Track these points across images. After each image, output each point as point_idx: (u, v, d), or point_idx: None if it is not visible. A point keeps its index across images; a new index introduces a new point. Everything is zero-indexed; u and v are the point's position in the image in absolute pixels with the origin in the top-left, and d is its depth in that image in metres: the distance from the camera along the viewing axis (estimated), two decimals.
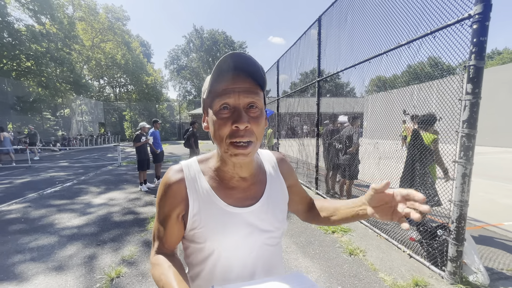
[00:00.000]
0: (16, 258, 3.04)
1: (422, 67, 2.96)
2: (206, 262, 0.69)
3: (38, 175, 8.47)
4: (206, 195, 0.69)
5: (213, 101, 0.62)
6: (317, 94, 4.84)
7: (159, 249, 0.72)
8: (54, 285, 2.51)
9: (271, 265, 0.74)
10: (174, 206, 0.68)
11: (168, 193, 0.69)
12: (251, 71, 0.61)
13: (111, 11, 31.13)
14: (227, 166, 0.70)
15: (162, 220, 0.70)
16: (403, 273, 2.65)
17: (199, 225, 0.67)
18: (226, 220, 0.67)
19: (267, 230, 0.72)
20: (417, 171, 3.02)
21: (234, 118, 0.60)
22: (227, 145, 0.61)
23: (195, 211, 0.67)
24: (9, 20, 17.23)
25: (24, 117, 19.34)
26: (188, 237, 0.70)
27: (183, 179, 0.69)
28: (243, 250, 0.69)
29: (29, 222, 4.19)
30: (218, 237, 0.67)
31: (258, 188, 0.74)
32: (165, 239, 0.71)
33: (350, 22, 3.75)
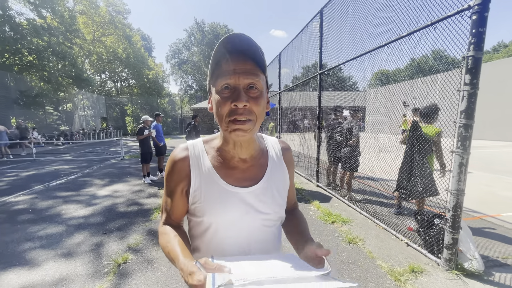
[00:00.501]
0: (27, 246, 3.15)
1: (423, 60, 2.98)
2: (205, 235, 0.75)
3: (43, 168, 8.60)
4: (207, 172, 0.73)
5: (216, 81, 0.66)
6: (319, 87, 4.86)
7: (166, 221, 0.79)
8: (64, 270, 2.62)
9: (266, 246, 0.77)
10: (179, 181, 0.74)
11: (174, 169, 0.75)
12: (251, 53, 0.65)
13: (111, 4, 30.90)
14: (228, 145, 0.74)
15: (169, 194, 0.77)
16: (400, 260, 2.73)
17: (199, 200, 0.72)
18: (224, 197, 0.72)
19: (264, 212, 0.74)
20: (415, 161, 3.07)
21: (234, 97, 0.63)
22: (227, 123, 0.65)
23: (196, 186, 0.73)
24: (10, 13, 17.21)
25: (27, 112, 19.46)
26: (190, 211, 0.76)
27: (188, 157, 0.75)
28: (238, 228, 0.73)
29: (36, 213, 4.30)
30: (215, 213, 0.71)
31: (258, 171, 0.77)
32: (171, 211, 0.77)
33: (352, 14, 3.76)
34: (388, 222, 3.57)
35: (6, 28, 17.34)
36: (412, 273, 2.48)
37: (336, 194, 4.89)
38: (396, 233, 3.24)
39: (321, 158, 5.62)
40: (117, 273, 2.58)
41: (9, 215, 4.21)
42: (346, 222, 3.71)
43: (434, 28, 2.45)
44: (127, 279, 2.48)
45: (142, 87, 34.18)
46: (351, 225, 3.63)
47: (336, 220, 3.74)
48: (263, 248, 0.77)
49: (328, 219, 3.78)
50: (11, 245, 3.16)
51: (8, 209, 4.51)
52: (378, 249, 2.97)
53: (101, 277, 2.51)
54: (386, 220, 3.62)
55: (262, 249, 0.77)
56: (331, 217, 3.83)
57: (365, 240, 3.20)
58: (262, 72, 0.68)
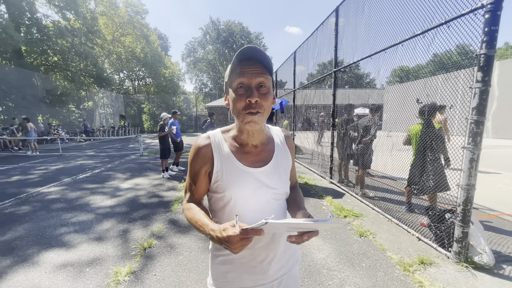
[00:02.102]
0: (62, 230, 3.48)
1: (437, 58, 3.02)
2: (225, 208, 0.91)
3: (69, 163, 9.16)
4: (227, 156, 0.90)
5: (232, 81, 0.82)
6: (333, 85, 4.94)
7: (190, 198, 0.95)
8: (97, 251, 2.90)
9: (276, 215, 0.93)
10: (203, 164, 0.91)
11: (199, 154, 0.91)
12: (260, 59, 0.81)
13: (130, 5, 31.87)
14: (243, 134, 0.91)
15: (193, 176, 0.93)
16: (410, 253, 2.81)
17: (220, 178, 0.89)
18: (240, 176, 0.89)
19: (273, 187, 0.92)
20: (428, 157, 3.13)
21: (248, 94, 0.80)
22: (243, 115, 0.82)
23: (218, 168, 0.89)
24: (37, 16, 18.21)
25: (52, 110, 20.57)
26: (212, 189, 0.92)
27: (210, 143, 0.92)
28: (253, 200, 0.90)
29: (68, 202, 4.68)
30: (234, 189, 0.88)
31: (267, 154, 0.96)
32: (195, 190, 0.94)
33: (367, 12, 3.82)
34: (400, 218, 3.63)
35: (33, 30, 18.38)
36: (421, 265, 2.56)
37: (349, 190, 4.96)
38: (408, 228, 3.30)
39: (335, 155, 5.69)
40: (144, 255, 2.83)
41: (44, 203, 4.60)
42: (358, 216, 3.81)
43: (448, 27, 2.50)
44: (152, 261, 2.72)
45: (158, 86, 35.09)
46: (363, 220, 3.72)
47: (348, 215, 3.84)
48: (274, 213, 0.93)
49: (340, 214, 3.89)
50: (48, 229, 3.50)
51: (42, 198, 4.92)
52: (388, 242, 3.06)
53: (130, 258, 2.77)
54: (398, 216, 3.68)
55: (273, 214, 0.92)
56: (343, 211, 3.93)
57: (376, 233, 3.29)
58: (269, 74, 0.84)
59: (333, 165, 5.71)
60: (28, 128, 11.75)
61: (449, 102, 2.62)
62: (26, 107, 16.98)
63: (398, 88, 3.73)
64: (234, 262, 0.92)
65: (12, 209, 4.30)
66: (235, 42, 45.24)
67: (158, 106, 33.81)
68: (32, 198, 4.91)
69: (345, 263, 2.68)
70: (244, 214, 0.87)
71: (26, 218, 3.92)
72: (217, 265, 0.96)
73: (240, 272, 0.92)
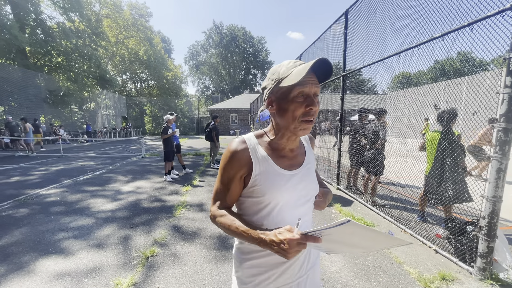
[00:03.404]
0: (61, 235, 3.33)
1: (455, 61, 2.89)
2: (262, 212, 0.89)
3: (70, 164, 9.03)
4: (264, 160, 0.89)
5: (292, 89, 0.81)
6: (342, 89, 4.82)
7: (221, 205, 0.92)
8: (96, 260, 2.75)
9: (309, 216, 0.98)
10: (239, 168, 0.88)
11: (235, 158, 0.88)
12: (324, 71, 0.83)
13: (135, 8, 32.09)
14: (282, 139, 0.92)
15: (226, 180, 0.90)
16: (429, 267, 2.65)
17: (259, 183, 0.87)
18: (279, 179, 0.89)
19: (308, 188, 0.95)
20: (447, 166, 2.98)
21: (308, 102, 0.81)
22: (299, 122, 0.83)
23: (257, 172, 0.87)
24: (42, 18, 18.27)
25: (54, 110, 20.52)
26: (247, 193, 0.91)
27: (247, 148, 0.90)
28: (292, 202, 0.90)
29: (67, 205, 4.53)
30: (274, 192, 0.87)
31: (300, 158, 0.98)
32: (228, 197, 0.91)
33: (379, 15, 3.70)
34: (414, 228, 3.47)
35: (38, 31, 18.43)
36: (443, 281, 2.40)
37: (357, 198, 4.81)
38: (424, 239, 3.14)
39: (342, 162, 5.54)
40: (146, 265, 2.67)
41: (43, 206, 4.46)
42: (370, 226, 3.64)
43: (471, 29, 2.38)
44: (155, 272, 2.56)
45: (161, 88, 35.15)
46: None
47: None
48: (308, 217, 0.98)
49: None
50: (47, 234, 3.35)
51: (41, 200, 4.78)
52: (405, 255, 2.90)
53: (131, 268, 2.62)
54: (412, 226, 3.52)
55: (308, 218, 0.97)
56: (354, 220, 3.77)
57: None
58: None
59: (340, 171, 5.56)
60: (27, 129, 11.61)
61: (471, 109, 2.48)
62: (29, 107, 16.94)
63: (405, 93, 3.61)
64: (264, 265, 0.91)
65: (10, 212, 4.16)
66: (238, 46, 45.42)
67: (160, 108, 33.79)
68: (31, 200, 4.77)
69: (360, 277, 2.52)
70: (283, 216, 0.89)
71: (24, 221, 3.77)
72: (245, 269, 0.94)
73: (270, 274, 0.91)
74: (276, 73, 0.86)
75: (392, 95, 4.89)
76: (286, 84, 0.82)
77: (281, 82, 0.83)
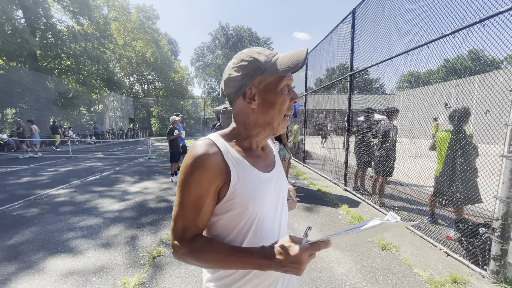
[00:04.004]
0: (70, 235, 3.37)
1: (465, 59, 2.83)
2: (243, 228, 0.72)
3: (78, 165, 9.18)
4: (241, 164, 0.72)
5: (281, 80, 0.72)
6: (349, 89, 4.77)
7: (190, 233, 0.69)
8: (104, 259, 2.77)
9: (287, 219, 0.88)
10: (213, 179, 0.67)
11: (206, 167, 0.66)
12: None
13: (142, 11, 32.49)
14: (255, 138, 0.78)
15: (196, 199, 0.67)
16: (440, 270, 2.58)
17: (239, 193, 0.69)
18: (260, 184, 0.74)
19: (284, 190, 0.85)
20: (458, 166, 2.91)
21: (292, 95, 0.74)
22: (283, 118, 0.75)
23: (235, 180, 0.69)
24: (52, 21, 18.66)
25: (64, 112, 20.90)
26: (222, 209, 0.71)
27: (220, 151, 0.70)
28: (273, 208, 0.78)
29: (76, 205, 4.60)
30: (257, 200, 0.71)
31: (272, 156, 0.88)
32: (199, 219, 0.69)
33: (388, 13, 3.65)
34: (424, 229, 3.40)
35: (48, 35, 18.83)
36: (454, 284, 2.34)
37: (365, 198, 4.74)
38: (434, 241, 3.07)
39: (349, 162, 5.48)
40: (153, 265, 2.68)
41: (52, 206, 4.53)
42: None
43: (483, 26, 2.32)
44: (162, 271, 2.57)
45: (167, 90, 35.47)
46: None
47: None
48: (286, 220, 0.88)
49: None
50: (56, 234, 3.40)
51: (51, 200, 4.86)
52: (414, 257, 2.84)
53: (138, 267, 2.63)
54: (421, 228, 3.45)
55: (286, 224, 0.87)
56: (361, 221, 3.71)
57: (400, 247, 3.07)
58: None
59: (347, 172, 5.50)
60: (32, 131, 11.75)
61: (483, 107, 2.42)
62: (39, 109, 17.29)
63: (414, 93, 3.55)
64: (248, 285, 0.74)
65: (20, 211, 4.24)
66: (244, 47, 45.32)
67: (166, 109, 34.10)
68: (41, 200, 4.86)
69: (368, 280, 2.47)
70: (267, 227, 0.76)
71: (34, 221, 3.84)
72: None
73: None
74: (252, 61, 0.72)
75: (400, 94, 4.81)
76: (275, 74, 0.71)
77: (266, 71, 0.71)
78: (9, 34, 14.64)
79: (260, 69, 0.71)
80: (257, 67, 0.71)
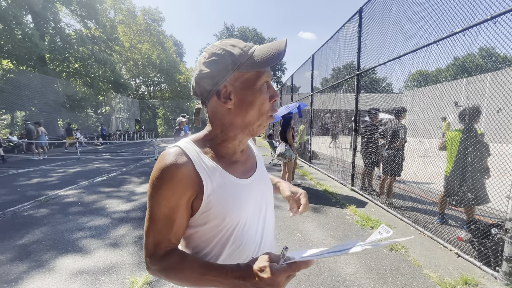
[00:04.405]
0: (79, 234, 3.42)
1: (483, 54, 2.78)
2: (222, 237, 0.68)
3: (86, 166, 9.30)
4: (215, 172, 0.66)
5: (259, 76, 0.65)
6: (356, 89, 4.73)
7: (163, 248, 0.64)
8: (113, 259, 2.80)
9: (272, 226, 0.82)
10: (184, 191, 0.62)
11: (175, 179, 0.61)
12: None
13: (148, 13, 32.83)
14: (234, 141, 0.72)
15: (168, 212, 0.62)
16: (451, 271, 2.54)
17: (214, 204, 0.64)
18: (239, 192, 0.69)
19: (267, 195, 0.79)
20: (469, 166, 2.86)
21: (272, 93, 0.67)
22: (265, 118, 0.68)
23: (210, 190, 0.64)
24: (60, 26, 19.02)
25: (72, 114, 21.25)
26: (199, 220, 0.66)
27: (190, 160, 0.64)
28: (255, 216, 0.73)
29: (84, 205, 4.66)
30: (235, 210, 0.67)
31: (252, 159, 0.81)
32: (172, 233, 0.64)
33: (395, 11, 3.62)
34: (434, 230, 3.34)
35: (57, 38, 19.19)
36: (465, 285, 2.29)
37: (373, 199, 4.69)
38: (444, 242, 3.02)
39: (357, 162, 5.44)
40: None
41: (61, 206, 4.60)
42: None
43: (495, 23, 2.28)
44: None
45: (173, 91, 35.76)
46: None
47: (375, 226, 3.58)
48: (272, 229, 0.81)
49: (366, 224, 3.64)
50: (65, 234, 3.45)
51: (60, 201, 4.94)
52: (424, 258, 2.80)
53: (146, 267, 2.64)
54: (431, 228, 3.40)
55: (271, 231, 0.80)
56: (369, 222, 3.68)
57: (409, 247, 3.02)
58: None
59: (355, 172, 5.45)
60: (39, 133, 11.89)
61: (495, 105, 2.37)
62: (48, 112, 17.62)
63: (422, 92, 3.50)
64: None
65: (31, 212, 4.32)
66: None
67: (172, 111, 34.40)
68: (51, 201, 4.93)
69: (377, 280, 2.44)
70: (248, 237, 0.71)
71: (44, 221, 3.90)
72: None
73: None
74: (225, 54, 0.65)
75: (408, 93, 4.76)
76: (252, 69, 0.64)
77: (242, 66, 0.64)
78: (19, 38, 14.96)
79: (235, 63, 0.64)
80: (231, 61, 0.64)
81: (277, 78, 52.37)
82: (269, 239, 0.78)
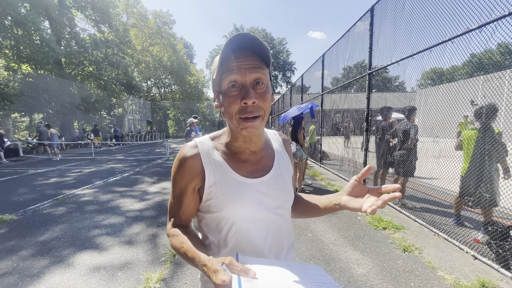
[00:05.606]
0: (95, 232, 3.53)
1: (501, 51, 2.70)
2: (222, 230, 0.74)
3: (101, 166, 9.57)
4: (220, 167, 0.74)
5: (222, 79, 0.67)
6: (368, 88, 4.68)
7: (176, 222, 0.77)
8: (128, 255, 2.88)
9: (280, 233, 0.79)
10: (190, 179, 0.73)
11: (185, 168, 0.73)
12: (255, 49, 0.66)
13: (159, 16, 33.46)
14: (237, 141, 0.75)
15: (178, 194, 0.75)
16: (467, 274, 2.48)
17: (214, 195, 0.72)
18: (239, 189, 0.73)
19: (277, 200, 0.77)
20: (486, 166, 2.78)
21: (243, 95, 0.64)
22: (237, 120, 0.67)
23: (211, 182, 0.72)
24: (76, 30, 19.66)
25: (86, 116, 21.91)
26: (204, 208, 0.75)
27: (198, 154, 0.74)
28: (256, 217, 0.74)
29: (100, 204, 4.80)
30: (234, 205, 0.72)
31: (267, 161, 0.81)
32: (181, 212, 0.76)
33: (408, 8, 3.56)
34: (449, 232, 3.26)
35: (72, 43, 19.84)
36: None
37: None
38: (460, 244, 2.94)
39: (368, 163, 5.36)
40: (173, 262, 2.76)
41: (78, 205, 4.76)
42: (399, 229, 3.49)
43: None
44: (183, 268, 2.63)
45: (183, 93, 36.27)
46: (405, 233, 3.40)
47: (387, 227, 3.53)
48: (278, 235, 0.79)
49: (378, 225, 3.59)
50: (83, 231, 3.57)
51: (77, 200, 5.11)
52: (438, 260, 2.74)
53: (160, 264, 2.71)
54: (446, 230, 3.32)
55: (278, 236, 0.78)
56: (381, 223, 3.63)
57: (422, 249, 2.97)
58: (266, 66, 0.69)
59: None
60: (48, 135, 11.98)
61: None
62: (64, 114, 18.23)
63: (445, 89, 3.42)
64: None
65: (50, 210, 4.49)
66: None
67: (183, 112, 34.89)
68: (68, 200, 5.11)
69: (389, 281, 2.41)
70: (244, 234, 0.74)
71: (63, 219, 4.05)
72: None
73: None
74: (215, 61, 0.70)
75: (422, 92, 4.66)
76: (215, 75, 0.69)
77: (215, 71, 0.69)
78: (37, 43, 15.56)
79: (214, 69, 0.70)
80: (214, 68, 0.71)
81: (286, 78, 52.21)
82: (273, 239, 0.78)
